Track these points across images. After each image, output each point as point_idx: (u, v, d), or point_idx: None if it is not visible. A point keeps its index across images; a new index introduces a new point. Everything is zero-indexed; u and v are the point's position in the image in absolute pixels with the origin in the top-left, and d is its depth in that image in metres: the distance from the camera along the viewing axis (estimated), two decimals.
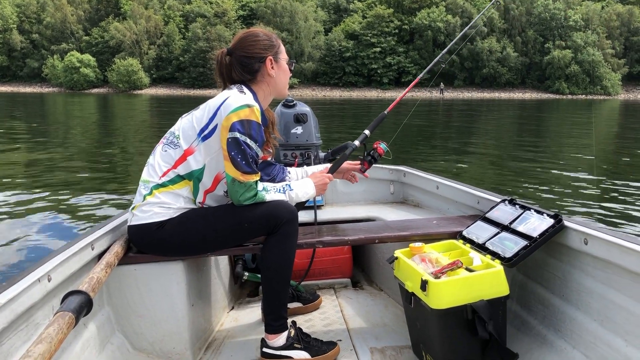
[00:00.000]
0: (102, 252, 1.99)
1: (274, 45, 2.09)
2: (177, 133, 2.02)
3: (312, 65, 71.41)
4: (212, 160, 1.98)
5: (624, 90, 68.52)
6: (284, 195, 2.04)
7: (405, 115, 7.71)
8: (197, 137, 1.97)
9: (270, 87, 2.11)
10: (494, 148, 13.25)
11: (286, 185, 2.08)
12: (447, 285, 1.82)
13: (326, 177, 2.22)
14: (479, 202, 2.57)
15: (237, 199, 1.96)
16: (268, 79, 2.08)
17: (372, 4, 76.36)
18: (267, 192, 1.99)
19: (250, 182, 1.93)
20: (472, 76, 70.52)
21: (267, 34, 2.11)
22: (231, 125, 1.89)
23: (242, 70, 2.05)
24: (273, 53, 2.07)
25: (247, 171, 1.92)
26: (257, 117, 1.94)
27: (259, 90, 2.09)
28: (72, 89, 71.56)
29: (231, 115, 1.90)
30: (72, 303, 1.46)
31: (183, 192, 2.00)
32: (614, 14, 71.80)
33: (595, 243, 1.80)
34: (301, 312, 2.64)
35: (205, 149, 1.96)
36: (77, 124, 20.18)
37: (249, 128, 1.91)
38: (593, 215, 6.02)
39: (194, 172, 1.98)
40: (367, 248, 3.19)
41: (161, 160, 2.01)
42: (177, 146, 2.00)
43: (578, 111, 32.76)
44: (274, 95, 2.16)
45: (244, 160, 1.90)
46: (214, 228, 2.02)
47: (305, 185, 2.14)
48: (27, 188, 7.53)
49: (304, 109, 3.14)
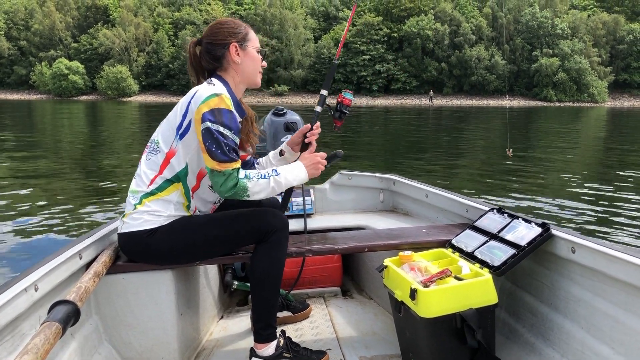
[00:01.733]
0: (90, 261, 1.97)
1: (239, 32, 2.06)
2: (156, 139, 2.01)
3: (302, 73, 71.48)
4: (193, 157, 1.98)
5: (610, 98, 69.31)
6: (268, 181, 1.96)
7: (394, 122, 7.74)
8: (175, 137, 1.96)
9: (238, 75, 2.08)
10: (482, 155, 13.33)
11: (272, 170, 2.00)
12: (436, 293, 1.83)
13: (317, 157, 2.12)
14: (468, 210, 2.59)
15: (218, 189, 1.92)
16: (235, 66, 2.06)
17: (361, 12, 76.72)
18: (250, 180, 1.93)
19: (229, 171, 1.89)
20: (461, 84, 70.99)
21: (234, 22, 2.10)
22: (202, 116, 1.88)
23: (208, 57, 2.05)
24: (238, 39, 2.05)
25: (224, 160, 1.88)
26: (228, 104, 1.92)
27: (229, 78, 2.07)
28: (61, 96, 71.06)
29: (201, 106, 1.89)
30: (59, 313, 1.45)
31: (173, 197, 1.99)
32: (600, 22, 72.71)
33: (582, 252, 1.82)
34: (291, 321, 2.64)
35: (184, 147, 1.96)
36: (66, 132, 20.03)
37: (219, 116, 1.88)
38: (578, 222, 6.07)
39: (179, 173, 1.98)
40: (357, 257, 3.19)
41: (147, 168, 2.00)
42: (158, 151, 1.99)
43: (565, 119, 33.06)
44: (245, 84, 2.13)
45: (219, 149, 1.87)
46: (203, 236, 2.01)
47: (294, 168, 2.05)
48: (14, 196, 7.46)
49: (294, 117, 3.15)
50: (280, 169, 2.02)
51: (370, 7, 77.37)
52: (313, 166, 2.09)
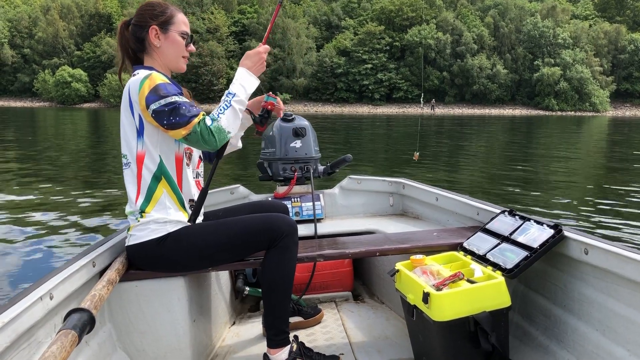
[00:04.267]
0: (104, 269, 1.97)
1: (162, 15, 2.01)
2: (123, 152, 1.98)
3: (304, 81, 71.78)
4: (162, 145, 1.95)
5: (612, 107, 69.51)
6: (231, 107, 1.91)
7: (394, 129, 7.75)
8: (137, 138, 1.93)
9: (160, 59, 2.03)
10: (488, 161, 13.33)
11: (225, 96, 1.94)
12: (449, 297, 1.82)
13: (256, 52, 2.03)
14: (479, 213, 2.59)
15: (203, 146, 1.88)
16: (156, 50, 2.02)
17: (363, 21, 77.13)
18: (218, 119, 1.88)
19: (196, 126, 1.84)
20: (463, 92, 71.22)
21: (160, 4, 2.04)
22: (145, 102, 1.84)
23: (133, 39, 2.02)
24: (159, 22, 2.00)
25: (185, 121, 1.83)
26: (160, 78, 1.89)
27: (154, 63, 2.03)
28: (63, 104, 71.39)
29: (139, 95, 1.86)
30: (75, 321, 1.45)
31: (165, 200, 1.97)
32: (601, 32, 73.08)
33: (595, 253, 1.81)
34: (303, 327, 2.62)
35: (149, 140, 1.93)
36: (70, 139, 20.08)
37: (158, 92, 1.85)
38: (587, 223, 6.06)
39: (157, 170, 1.95)
40: (368, 261, 3.19)
41: (129, 185, 1.98)
42: (129, 162, 1.96)
43: (567, 127, 33.08)
44: (168, 69, 2.07)
45: (176, 116, 1.83)
46: (213, 243, 2.00)
47: (242, 78, 1.99)
48: (26, 205, 7.47)
49: (302, 123, 3.15)
50: (231, 87, 1.97)
51: (372, 16, 77.77)
52: (258, 65, 2.04)
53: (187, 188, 2.05)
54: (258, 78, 2.06)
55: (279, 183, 3.18)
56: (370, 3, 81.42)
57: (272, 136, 3.12)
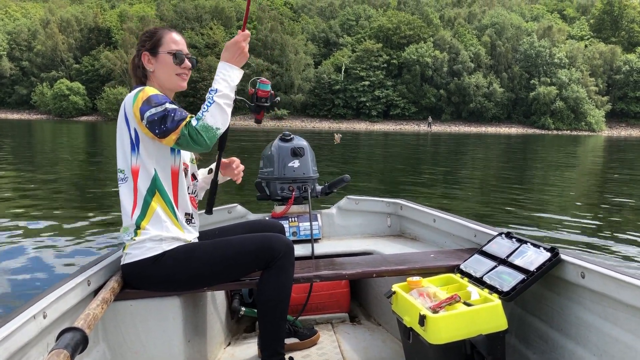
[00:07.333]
0: (99, 288, 1.96)
1: (149, 40, 2.06)
2: (120, 167, 2.00)
3: (302, 97, 72.04)
4: (157, 156, 1.97)
5: (607, 127, 69.93)
6: (215, 103, 1.90)
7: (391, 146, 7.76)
8: (132, 153, 1.95)
9: (157, 81, 2.07)
10: (484, 181, 13.37)
11: (208, 94, 1.93)
12: (445, 320, 1.82)
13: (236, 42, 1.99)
14: (476, 235, 2.59)
15: (193, 147, 1.90)
16: (152, 74, 2.07)
17: (361, 39, 77.70)
18: (202, 117, 1.87)
19: (184, 129, 1.85)
20: (459, 110, 71.60)
21: (150, 30, 2.10)
22: (139, 113, 1.87)
23: (137, 67, 2.09)
24: (148, 48, 2.04)
25: (175, 125, 1.85)
26: (153, 91, 1.94)
27: (154, 86, 2.06)
28: (61, 116, 71.42)
29: (133, 107, 1.89)
30: (68, 340, 1.43)
31: (161, 214, 1.97)
32: (597, 52, 73.82)
33: (592, 276, 1.82)
34: (298, 348, 2.61)
35: (145, 152, 1.94)
36: (66, 153, 20.05)
37: (149, 102, 1.88)
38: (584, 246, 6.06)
39: (150, 186, 1.96)
40: (365, 282, 3.18)
41: (125, 199, 1.98)
42: (126, 177, 1.98)
43: (564, 146, 33.24)
44: (168, 89, 2.10)
45: (166, 123, 1.85)
46: (208, 263, 2.00)
47: (224, 71, 1.97)
48: (20, 221, 7.43)
49: (301, 143, 3.16)
50: (214, 83, 1.95)
51: (370, 34, 78.38)
52: (238, 55, 1.99)
53: (183, 202, 2.05)
54: (241, 68, 2.02)
55: (277, 202, 3.17)
56: (369, 21, 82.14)
57: (270, 155, 3.12)
